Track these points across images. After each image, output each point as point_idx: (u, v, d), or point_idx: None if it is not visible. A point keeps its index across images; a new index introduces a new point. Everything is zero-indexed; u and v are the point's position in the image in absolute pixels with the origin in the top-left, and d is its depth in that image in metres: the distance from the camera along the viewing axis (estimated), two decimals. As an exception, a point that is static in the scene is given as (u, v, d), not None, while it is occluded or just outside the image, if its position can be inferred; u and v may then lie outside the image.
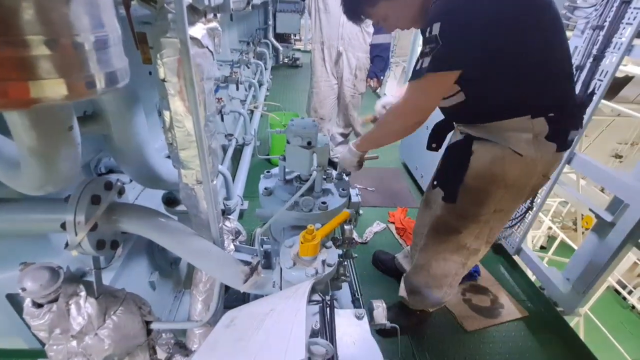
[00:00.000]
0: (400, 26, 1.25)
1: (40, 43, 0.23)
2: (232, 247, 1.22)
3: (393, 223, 2.52)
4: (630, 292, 5.38)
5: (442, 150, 1.48)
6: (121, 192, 0.87)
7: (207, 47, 0.72)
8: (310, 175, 1.06)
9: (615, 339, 4.03)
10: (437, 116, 1.56)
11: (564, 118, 1.11)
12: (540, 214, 2.05)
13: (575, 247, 3.86)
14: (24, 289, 0.73)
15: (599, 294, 2.99)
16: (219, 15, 0.84)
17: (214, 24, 0.75)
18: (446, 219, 1.38)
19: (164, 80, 0.69)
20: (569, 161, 1.79)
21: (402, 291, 1.67)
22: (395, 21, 1.23)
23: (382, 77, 2.78)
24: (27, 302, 0.76)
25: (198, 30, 0.69)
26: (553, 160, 1.17)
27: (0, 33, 0.22)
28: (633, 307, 5.48)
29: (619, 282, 5.05)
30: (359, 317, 0.77)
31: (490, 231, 1.34)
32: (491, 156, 1.19)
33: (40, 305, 0.76)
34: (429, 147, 1.53)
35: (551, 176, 1.29)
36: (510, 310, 1.89)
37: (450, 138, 1.50)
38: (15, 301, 1.00)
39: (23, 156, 0.40)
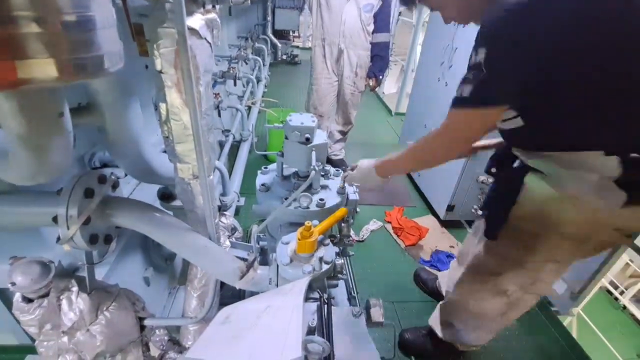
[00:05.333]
0: (456, 19, 1.03)
1: (29, 20, 0.22)
2: (227, 243, 1.21)
3: (390, 222, 2.51)
4: (622, 293, 5.44)
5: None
6: (115, 185, 0.86)
7: (205, 39, 0.71)
8: (309, 171, 1.05)
9: (607, 339, 4.08)
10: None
11: None
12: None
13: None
14: (13, 284, 0.71)
15: (592, 294, 3.02)
16: (217, 6, 0.83)
17: (212, 15, 0.73)
18: (485, 259, 1.21)
19: (160, 72, 0.67)
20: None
21: (434, 320, 1.53)
22: (451, 12, 1.02)
23: (380, 77, 2.75)
24: (17, 297, 0.75)
25: (196, 20, 0.68)
26: (628, 214, 0.89)
27: (-16, 9, 0.20)
28: (624, 307, 5.53)
29: (611, 283, 5.11)
30: (355, 315, 0.76)
31: (538, 283, 1.13)
32: (546, 195, 0.96)
33: (30, 300, 0.75)
34: (488, 171, 1.25)
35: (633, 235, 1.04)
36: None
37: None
38: (4, 296, 0.99)
39: (11, 144, 0.39)
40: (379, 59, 2.65)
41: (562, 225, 0.97)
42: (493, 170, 1.23)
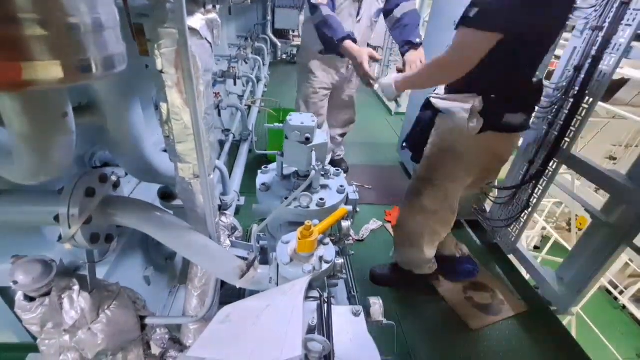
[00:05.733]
0: None
1: (34, 22, 0.22)
2: (228, 242, 1.21)
3: (390, 222, 2.52)
4: (621, 293, 5.45)
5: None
6: (116, 185, 0.86)
7: (205, 39, 0.71)
8: (309, 171, 1.05)
9: (606, 338, 4.09)
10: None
11: (500, 99, 1.25)
12: (534, 214, 2.06)
13: (569, 248, 3.89)
14: (15, 282, 0.72)
15: (591, 294, 3.03)
16: (218, 6, 0.83)
17: (213, 15, 0.74)
18: (413, 182, 1.65)
19: (161, 72, 0.67)
20: (565, 161, 1.80)
21: (393, 252, 1.92)
22: None
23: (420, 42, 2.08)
24: (19, 296, 0.75)
25: (197, 21, 0.68)
26: (498, 140, 1.33)
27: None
28: (624, 307, 5.54)
29: (611, 283, 5.11)
30: (355, 314, 0.76)
31: (446, 198, 1.55)
32: (444, 129, 1.42)
33: (32, 299, 0.75)
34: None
35: (507, 160, 1.55)
36: (510, 305, 1.91)
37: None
38: (6, 294, 0.99)
39: (15, 143, 0.39)
40: (414, 27, 2.09)
41: (455, 150, 1.40)
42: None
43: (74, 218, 0.71)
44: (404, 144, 1.68)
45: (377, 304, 0.87)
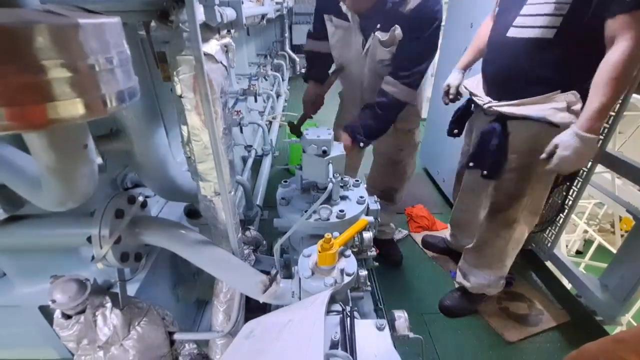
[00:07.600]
0: None
1: (55, 67, 0.25)
2: (253, 257, 1.23)
3: (409, 216, 2.57)
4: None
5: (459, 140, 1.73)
6: (144, 205, 0.90)
7: (221, 62, 0.74)
8: (327, 184, 1.06)
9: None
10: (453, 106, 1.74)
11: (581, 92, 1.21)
12: (574, 216, 1.95)
13: (614, 251, 3.61)
14: (53, 301, 0.76)
15: (644, 301, 2.78)
16: (232, 30, 0.87)
17: (227, 40, 0.77)
18: (498, 201, 1.50)
19: (180, 97, 0.71)
20: (601, 160, 1.69)
21: (459, 277, 1.80)
22: None
23: (361, 144, 1.51)
24: (57, 314, 0.80)
25: (212, 46, 0.72)
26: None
27: (15, 60, 0.23)
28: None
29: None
30: (380, 328, 0.74)
31: (534, 201, 1.46)
32: (528, 134, 1.31)
33: (69, 317, 0.79)
34: (451, 134, 1.67)
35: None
36: (550, 315, 1.80)
37: (472, 123, 1.64)
38: (47, 313, 1.05)
39: (42, 174, 0.43)
40: (371, 116, 1.52)
41: (542, 151, 1.25)
42: (455, 131, 1.66)
43: (104, 238, 0.75)
44: (471, 164, 1.51)
45: (402, 318, 0.85)
